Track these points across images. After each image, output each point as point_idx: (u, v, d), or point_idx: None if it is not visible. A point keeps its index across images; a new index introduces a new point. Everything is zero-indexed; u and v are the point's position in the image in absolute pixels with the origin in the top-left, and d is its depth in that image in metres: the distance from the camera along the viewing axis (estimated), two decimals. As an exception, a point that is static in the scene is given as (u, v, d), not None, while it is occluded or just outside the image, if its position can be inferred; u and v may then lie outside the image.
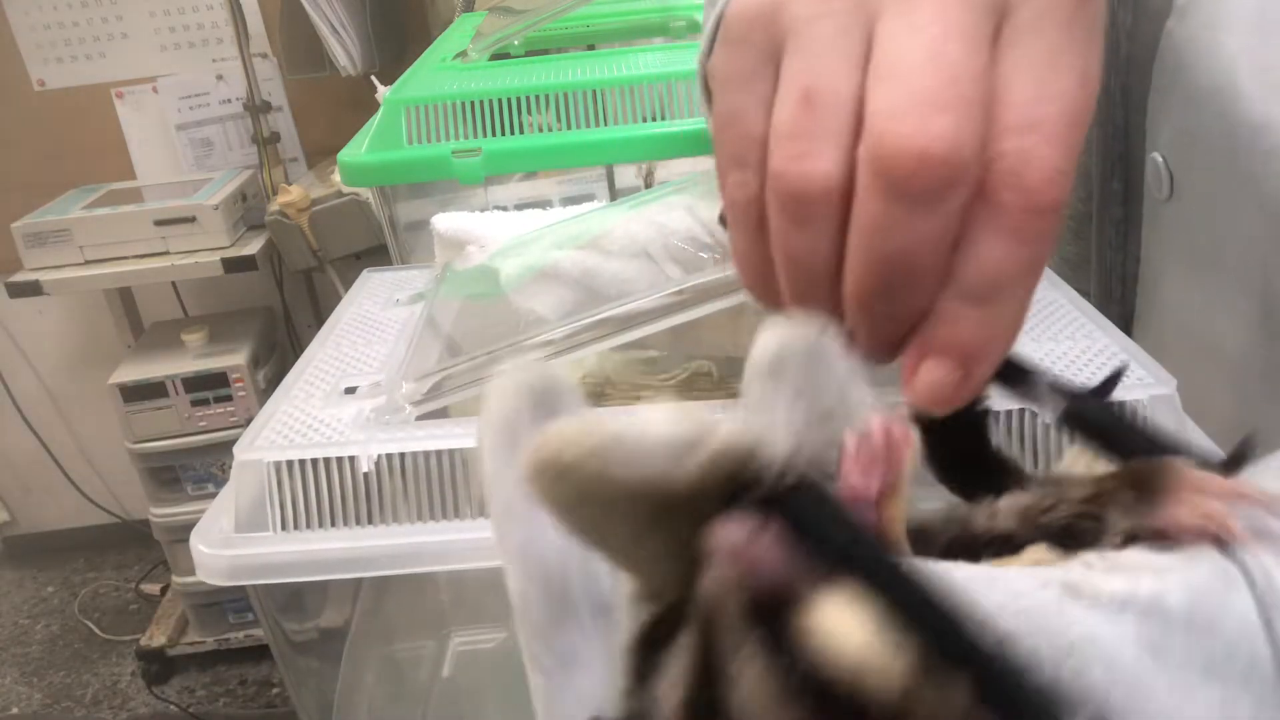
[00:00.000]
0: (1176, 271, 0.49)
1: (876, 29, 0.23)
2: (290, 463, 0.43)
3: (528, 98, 0.74)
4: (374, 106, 0.79)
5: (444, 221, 0.64)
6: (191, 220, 1.77)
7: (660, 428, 0.17)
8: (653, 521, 0.17)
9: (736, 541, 0.16)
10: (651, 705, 0.17)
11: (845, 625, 0.15)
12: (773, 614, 0.16)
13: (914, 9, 0.22)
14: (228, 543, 0.43)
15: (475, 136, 0.74)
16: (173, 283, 2.12)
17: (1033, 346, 0.47)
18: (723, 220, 0.27)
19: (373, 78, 1.13)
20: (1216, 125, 0.43)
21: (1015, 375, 0.25)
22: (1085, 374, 0.44)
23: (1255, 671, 0.17)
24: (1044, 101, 0.22)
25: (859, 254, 0.23)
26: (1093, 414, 0.24)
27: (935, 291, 0.23)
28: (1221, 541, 0.18)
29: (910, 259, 0.22)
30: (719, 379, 0.63)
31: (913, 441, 0.20)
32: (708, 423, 0.17)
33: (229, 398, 1.81)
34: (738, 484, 0.17)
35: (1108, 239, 0.56)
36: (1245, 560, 0.18)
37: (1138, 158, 0.52)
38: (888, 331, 0.24)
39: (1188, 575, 0.18)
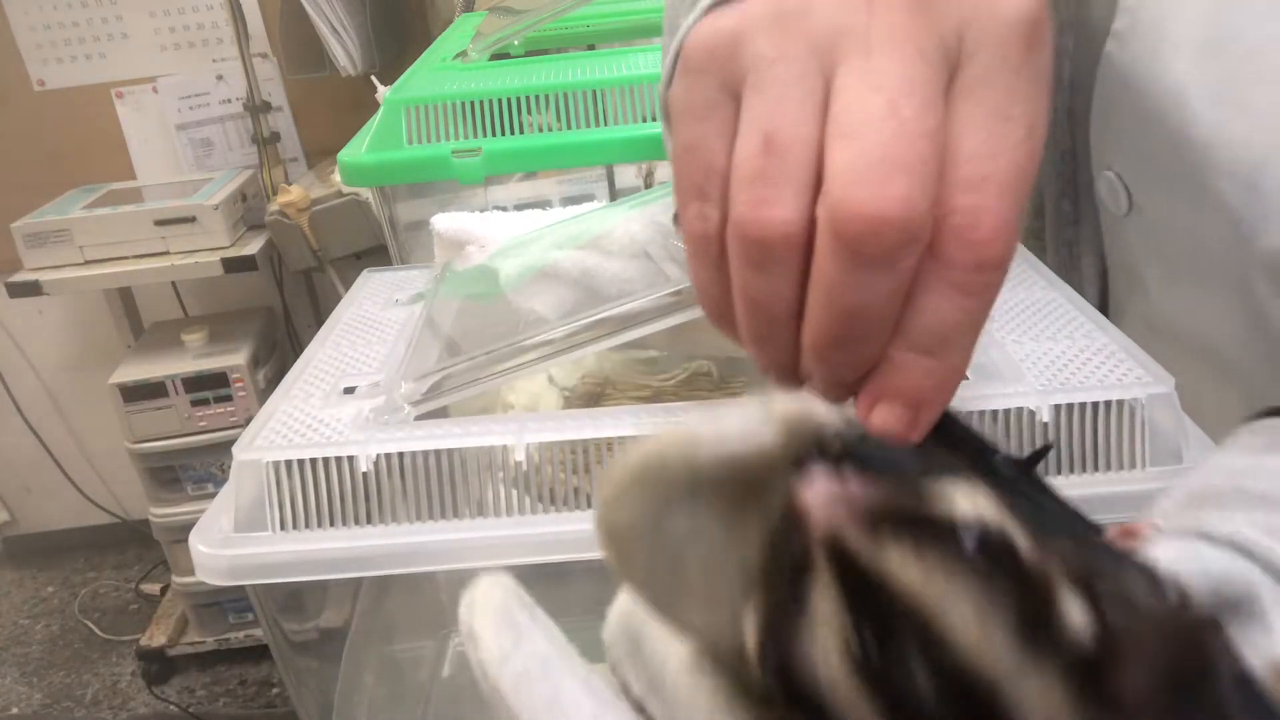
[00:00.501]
0: (1155, 276, 0.50)
1: (835, 78, 0.23)
2: (290, 463, 0.43)
3: (528, 98, 0.74)
4: (374, 106, 0.79)
5: (444, 221, 0.64)
6: (191, 220, 1.77)
7: (731, 413, 0.19)
8: (740, 508, 0.18)
9: (828, 487, 0.17)
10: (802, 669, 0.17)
11: (982, 505, 0.17)
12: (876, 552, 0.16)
13: (871, 61, 0.23)
14: (227, 542, 0.43)
15: (475, 136, 0.74)
16: (173, 283, 2.12)
17: (1032, 346, 0.47)
18: (676, 220, 0.28)
19: (373, 78, 1.13)
20: (1170, 142, 0.44)
21: (950, 430, 0.26)
22: (1085, 373, 0.44)
23: None
24: (994, 156, 0.23)
25: (817, 307, 0.24)
26: (1008, 481, 0.24)
27: (887, 341, 0.24)
28: None
29: (866, 314, 0.23)
30: (719, 379, 0.63)
31: None
32: (767, 401, 0.19)
33: (229, 398, 1.81)
34: (807, 446, 0.18)
35: (1062, 259, 0.57)
36: None
37: (1086, 179, 0.53)
38: (843, 376, 0.25)
39: None
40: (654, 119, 0.75)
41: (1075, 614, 0.16)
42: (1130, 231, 0.51)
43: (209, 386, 1.80)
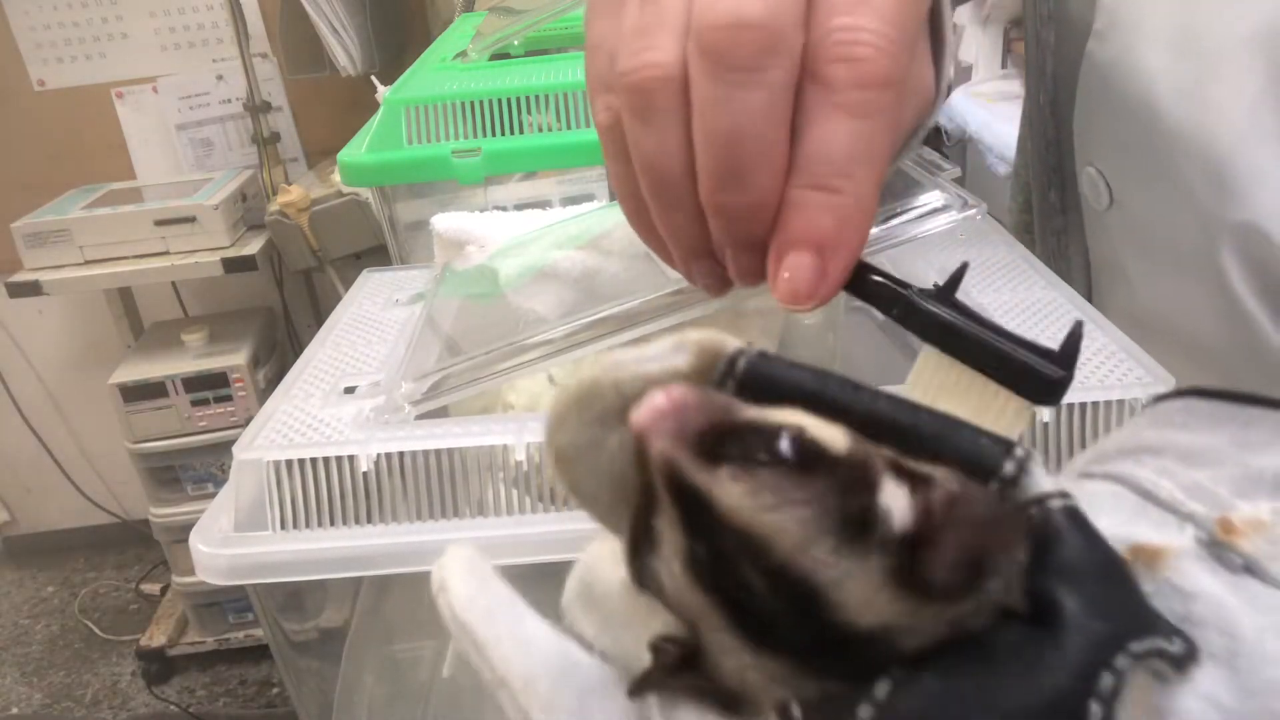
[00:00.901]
0: (1136, 269, 0.51)
1: None
2: (290, 462, 0.43)
3: (528, 98, 0.74)
4: (374, 106, 0.79)
5: (444, 221, 0.64)
6: (191, 220, 1.77)
7: (652, 343, 0.21)
8: None
9: (658, 412, 0.19)
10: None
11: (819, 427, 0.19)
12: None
13: None
14: (227, 542, 0.43)
15: (475, 136, 0.74)
16: (173, 283, 2.12)
17: (1032, 346, 0.47)
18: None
19: (373, 78, 1.13)
20: (1145, 137, 0.45)
21: (867, 280, 0.26)
22: (1085, 373, 0.44)
23: None
24: None
25: (699, 139, 0.24)
26: (930, 313, 0.24)
27: (782, 183, 0.24)
28: None
29: (745, 136, 0.23)
30: (719, 379, 0.63)
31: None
32: (682, 333, 0.21)
33: (229, 398, 1.81)
34: (717, 370, 0.21)
35: (1050, 248, 0.57)
36: None
37: (1071, 169, 0.54)
38: (747, 235, 0.25)
39: None
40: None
41: (892, 505, 0.17)
42: (1112, 225, 0.52)
43: (209, 386, 1.80)
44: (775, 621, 0.18)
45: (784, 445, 0.18)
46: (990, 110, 1.51)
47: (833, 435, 0.19)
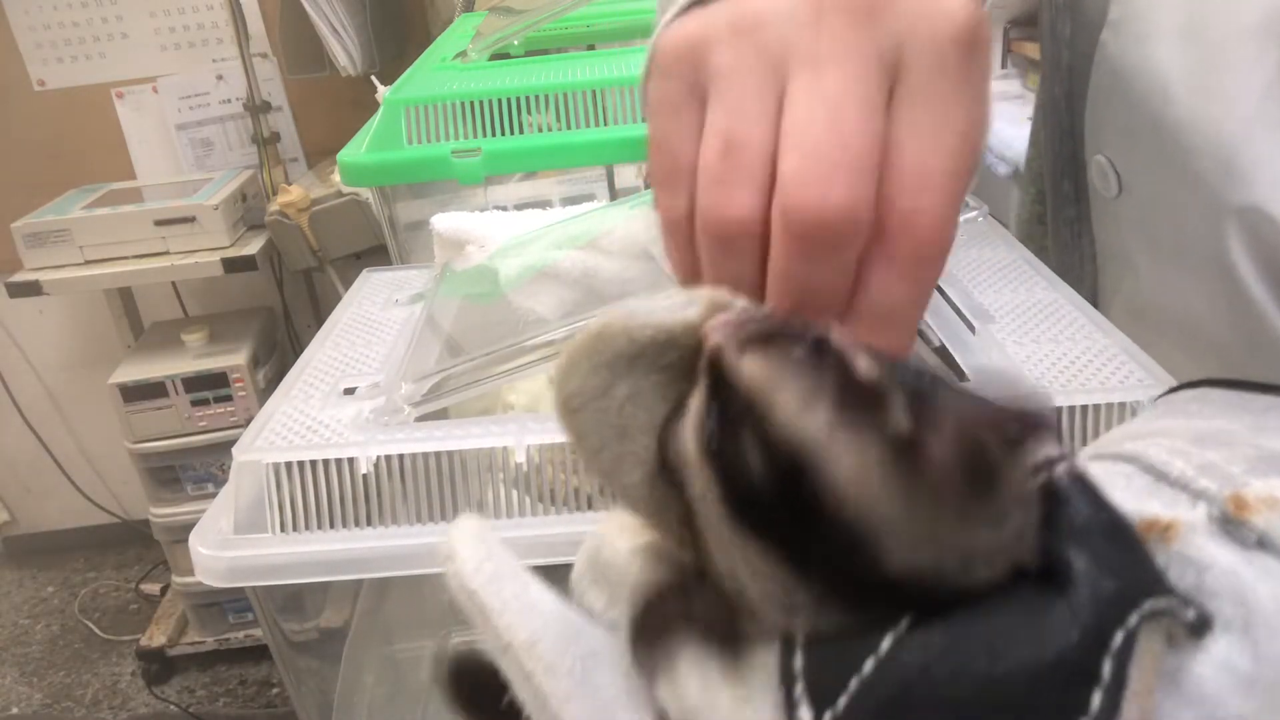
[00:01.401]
0: (1143, 261, 0.52)
1: (788, 88, 0.26)
2: (289, 464, 0.43)
3: (528, 98, 0.74)
4: (374, 106, 0.79)
5: (444, 221, 0.64)
6: (191, 220, 1.77)
7: (662, 296, 0.22)
8: (669, 374, 0.22)
9: (724, 319, 0.20)
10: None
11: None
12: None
13: (820, 72, 0.26)
14: (227, 544, 0.43)
15: (475, 136, 0.74)
16: (173, 283, 2.12)
17: (1034, 348, 0.47)
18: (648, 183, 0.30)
19: (373, 78, 1.13)
20: (1152, 126, 0.46)
21: None
22: (1086, 375, 0.44)
23: None
24: (931, 159, 0.26)
25: (775, 288, 0.27)
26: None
27: (840, 316, 0.27)
28: None
29: (816, 294, 0.26)
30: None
31: None
32: (695, 289, 0.23)
33: (229, 398, 1.81)
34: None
35: (1063, 239, 0.58)
36: None
37: (1084, 159, 0.55)
38: None
39: None
40: (654, 119, 0.75)
41: (898, 408, 0.18)
42: (1120, 214, 0.53)
43: (209, 386, 1.80)
44: (769, 508, 0.18)
45: (810, 340, 0.19)
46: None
47: (859, 352, 0.19)
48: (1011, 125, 1.41)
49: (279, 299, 2.13)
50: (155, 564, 2.22)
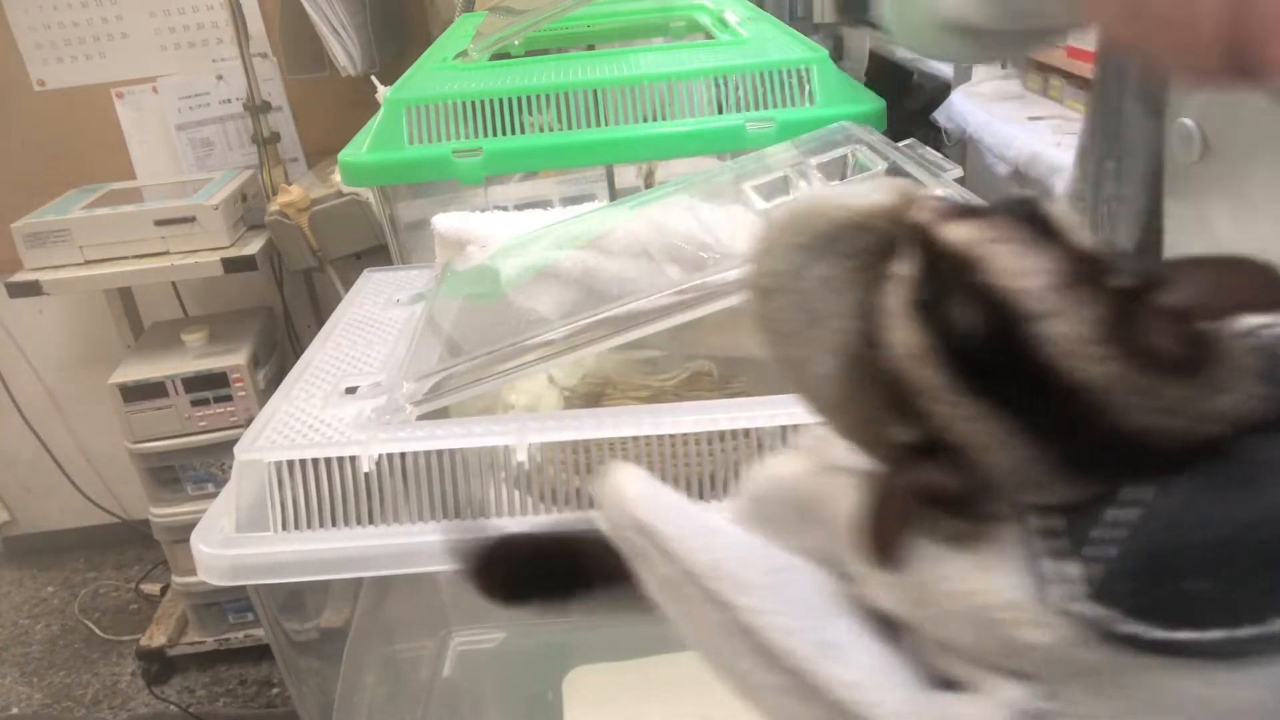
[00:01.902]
0: (1224, 225, 0.52)
1: None
2: (291, 463, 0.43)
3: (528, 98, 0.74)
4: (374, 106, 0.79)
5: (444, 221, 0.64)
6: (191, 220, 1.77)
7: (849, 183, 0.23)
8: (867, 258, 0.22)
9: (932, 201, 0.20)
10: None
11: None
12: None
13: None
14: (228, 543, 0.43)
15: (476, 136, 0.74)
16: (173, 283, 2.12)
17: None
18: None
19: (373, 78, 1.13)
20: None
21: None
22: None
23: None
24: None
25: None
26: None
27: None
28: None
29: None
30: (719, 379, 0.63)
31: None
32: (884, 179, 0.23)
33: (229, 398, 1.81)
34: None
35: (1100, 215, 0.58)
36: None
37: (1132, 134, 0.55)
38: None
39: None
40: (654, 119, 0.75)
41: (1118, 271, 0.18)
42: (1200, 181, 0.53)
43: (209, 386, 1.80)
44: (995, 369, 0.18)
45: (1023, 205, 0.19)
46: (990, 110, 1.51)
47: (1073, 221, 0.19)
48: (1010, 124, 1.41)
49: (279, 299, 2.13)
50: (155, 564, 2.22)
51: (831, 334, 0.22)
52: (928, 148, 0.56)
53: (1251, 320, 0.19)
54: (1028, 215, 0.19)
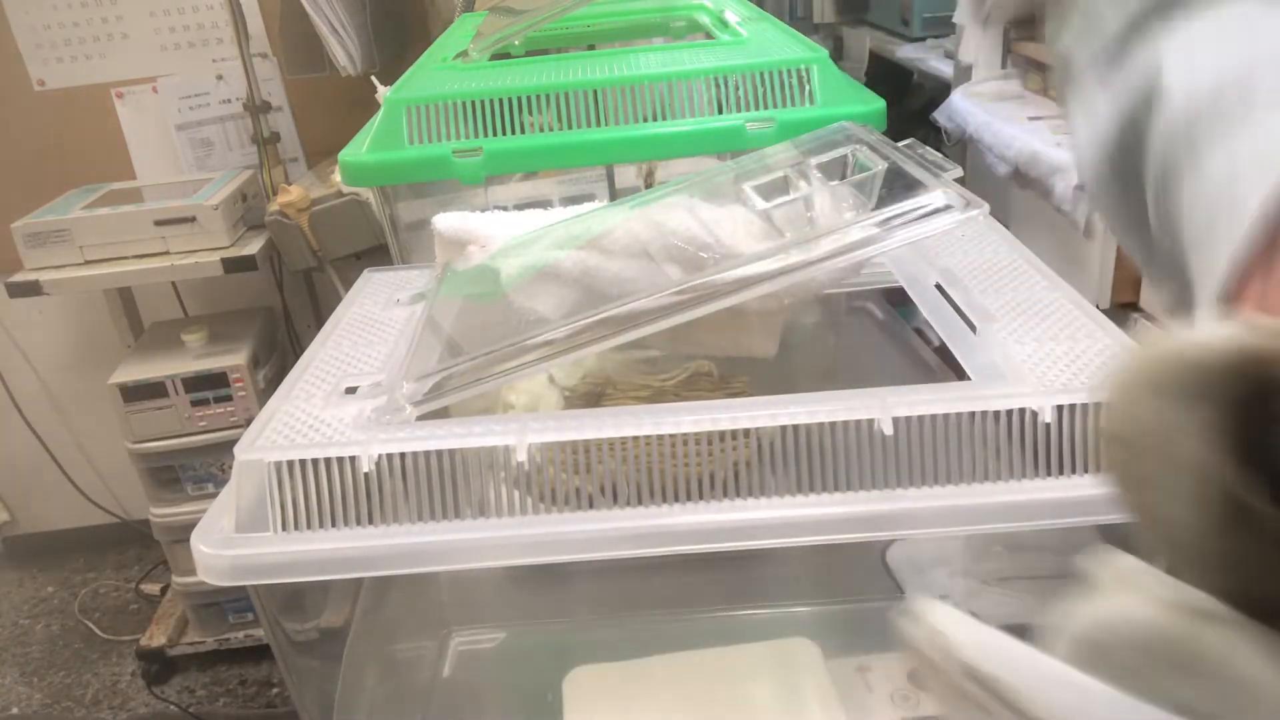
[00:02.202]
0: None
1: None
2: (291, 463, 0.43)
3: (528, 97, 0.74)
4: (374, 106, 0.79)
5: (445, 221, 0.64)
6: (191, 220, 1.77)
7: (1209, 326, 0.21)
8: (1229, 411, 0.20)
9: None
10: None
11: None
12: None
13: None
14: (228, 543, 0.43)
15: (476, 136, 0.74)
16: (173, 283, 2.12)
17: (1034, 347, 0.47)
18: None
19: (373, 78, 1.13)
20: None
21: None
22: (1087, 373, 0.44)
23: None
24: None
25: None
26: None
27: None
28: None
29: None
30: (719, 379, 0.63)
31: None
32: (1239, 320, 0.21)
33: (229, 398, 1.81)
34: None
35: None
36: None
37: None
38: None
39: None
40: (654, 119, 0.75)
41: None
42: None
43: (209, 386, 1.80)
44: None
45: None
46: (990, 110, 1.51)
47: None
48: (1010, 124, 1.41)
49: (279, 299, 2.13)
50: (155, 564, 2.22)
51: (1190, 482, 0.20)
52: (928, 148, 0.56)
53: None
54: None
